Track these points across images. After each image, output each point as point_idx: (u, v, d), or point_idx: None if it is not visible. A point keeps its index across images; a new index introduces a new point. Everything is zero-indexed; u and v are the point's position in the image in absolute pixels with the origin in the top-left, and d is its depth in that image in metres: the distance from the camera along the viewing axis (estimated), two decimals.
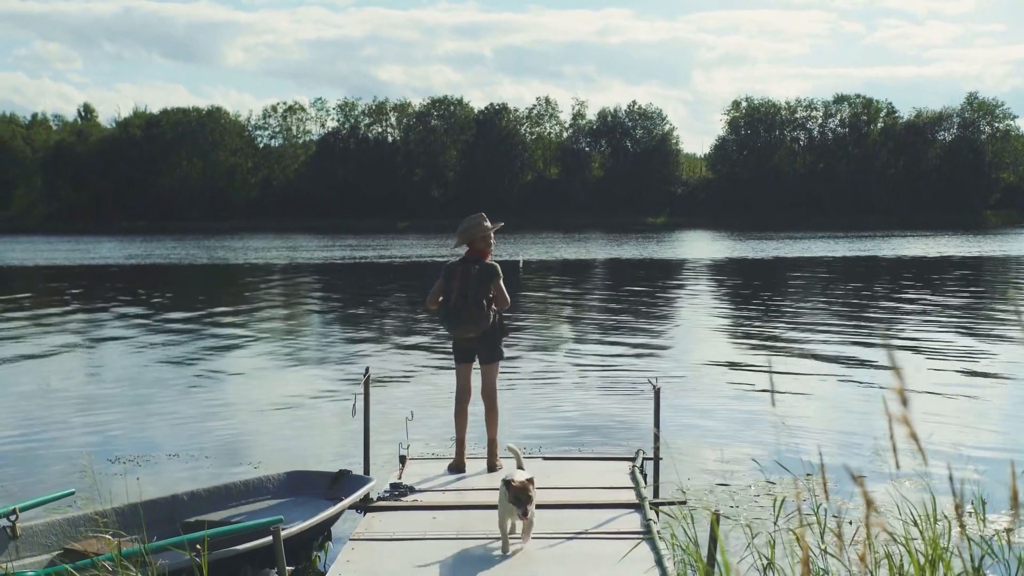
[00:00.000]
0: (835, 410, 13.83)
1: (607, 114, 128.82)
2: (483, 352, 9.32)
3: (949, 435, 11.60)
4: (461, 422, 9.44)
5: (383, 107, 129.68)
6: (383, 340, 21.73)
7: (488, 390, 9.40)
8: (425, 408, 13.04)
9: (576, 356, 18.95)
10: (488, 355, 9.34)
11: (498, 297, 9.19)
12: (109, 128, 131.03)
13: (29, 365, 18.61)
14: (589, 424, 12.96)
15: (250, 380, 16.77)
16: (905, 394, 2.36)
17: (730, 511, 8.77)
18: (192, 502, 8.36)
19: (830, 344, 20.03)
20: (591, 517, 7.79)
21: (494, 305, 9.22)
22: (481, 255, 9.33)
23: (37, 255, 61.68)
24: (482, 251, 9.35)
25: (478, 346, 9.29)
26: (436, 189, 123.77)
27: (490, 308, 9.17)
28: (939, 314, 25.28)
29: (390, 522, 7.80)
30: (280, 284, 40.00)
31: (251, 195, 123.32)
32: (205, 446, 11.92)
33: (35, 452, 11.76)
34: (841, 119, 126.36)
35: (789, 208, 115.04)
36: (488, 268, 9.18)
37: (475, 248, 9.36)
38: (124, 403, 14.66)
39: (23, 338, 22.65)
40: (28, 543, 7.43)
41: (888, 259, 50.21)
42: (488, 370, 9.37)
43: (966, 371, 16.66)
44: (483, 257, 9.32)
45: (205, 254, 61.47)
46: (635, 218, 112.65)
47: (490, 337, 9.25)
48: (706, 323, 24.53)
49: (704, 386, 15.69)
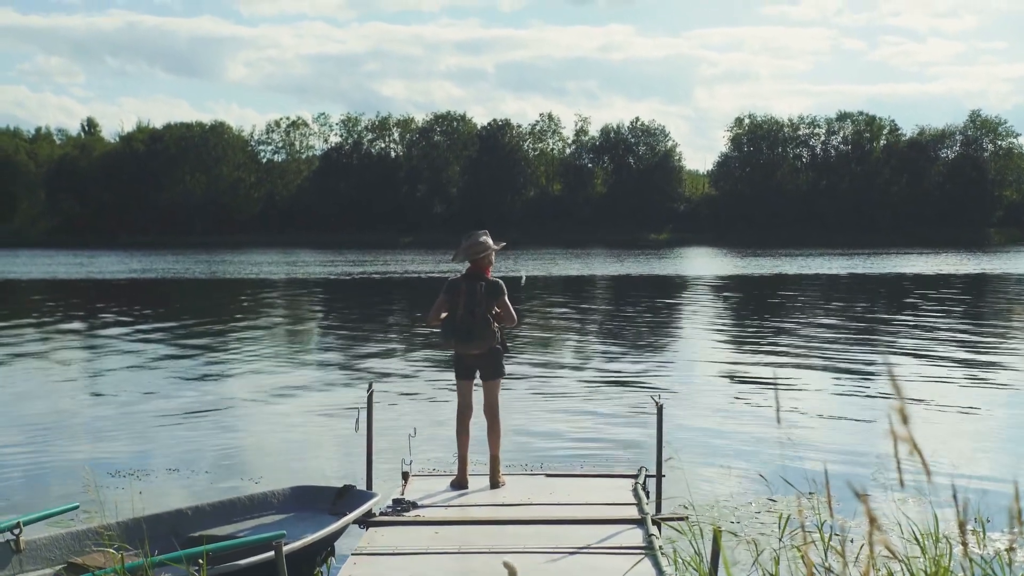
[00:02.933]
0: (838, 427, 13.83)
1: (610, 130, 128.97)
2: (485, 369, 9.30)
3: (952, 453, 11.60)
4: (463, 439, 9.44)
5: (386, 122, 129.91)
6: (386, 356, 21.73)
7: (490, 407, 9.40)
8: (427, 425, 13.05)
9: (578, 372, 18.95)
10: (491, 372, 9.31)
11: (505, 314, 9.22)
12: (112, 142, 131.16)
13: (32, 379, 18.63)
14: (591, 441, 12.96)
15: (253, 395, 16.77)
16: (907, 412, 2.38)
17: (732, 527, 8.78)
18: (196, 516, 8.36)
19: (832, 361, 20.03)
20: (593, 532, 7.80)
21: (500, 322, 9.24)
22: (483, 271, 9.35)
23: (39, 269, 61.71)
24: (484, 268, 9.38)
25: (481, 363, 9.27)
26: (439, 204, 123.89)
27: (495, 325, 9.19)
28: (941, 332, 25.27)
29: (392, 537, 7.82)
30: (283, 299, 40.02)
31: (254, 210, 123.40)
32: (208, 461, 11.94)
33: (39, 466, 11.77)
34: (844, 136, 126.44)
35: (792, 225, 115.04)
36: (494, 285, 9.24)
37: (477, 265, 9.37)
38: (127, 417, 14.67)
39: (26, 352, 22.67)
40: (31, 557, 7.43)
41: (890, 276, 50.19)
42: (490, 387, 9.37)
43: (969, 389, 16.66)
44: (484, 273, 9.35)
45: (207, 268, 61.51)
46: (637, 234, 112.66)
47: (494, 354, 9.25)
48: (708, 339, 24.54)
49: (706, 402, 15.69)
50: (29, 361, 21.09)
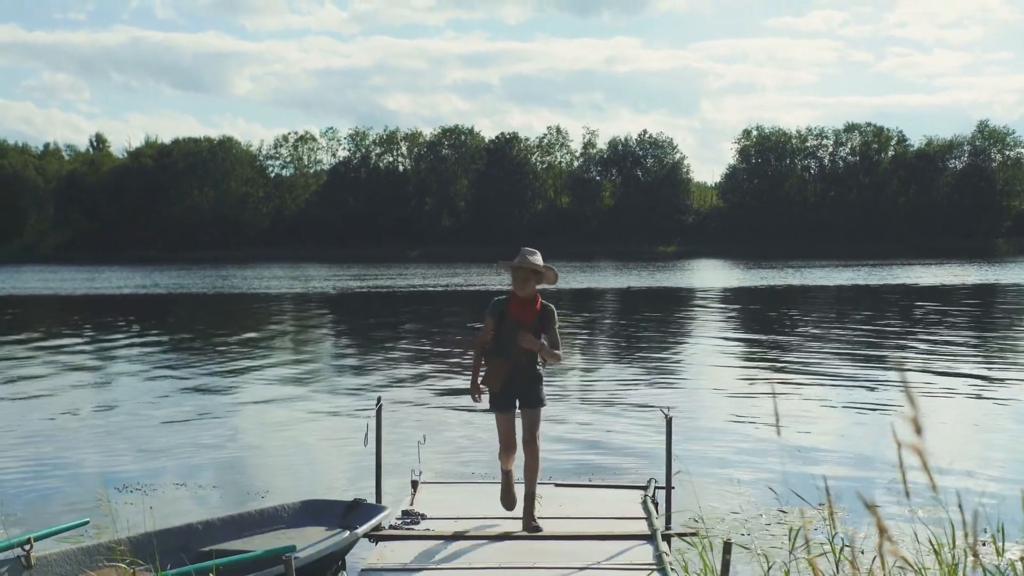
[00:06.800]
0: (849, 438, 13.80)
1: (618, 143, 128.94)
2: (526, 397, 8.23)
3: (964, 463, 11.57)
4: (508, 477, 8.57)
5: (394, 136, 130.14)
6: (395, 370, 21.72)
7: (530, 431, 8.28)
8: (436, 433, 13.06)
9: (588, 384, 18.94)
10: (532, 400, 8.25)
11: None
12: (121, 158, 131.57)
13: (41, 395, 18.64)
14: (601, 452, 12.95)
15: (263, 409, 16.79)
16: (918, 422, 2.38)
17: (743, 539, 8.75)
18: (206, 531, 8.37)
19: (843, 372, 19.99)
20: (603, 549, 7.77)
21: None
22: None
23: (48, 285, 61.85)
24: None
25: (521, 391, 8.25)
26: (447, 218, 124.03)
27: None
28: (952, 342, 25.21)
29: (402, 552, 7.79)
30: (291, 313, 40.07)
31: (263, 224, 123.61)
32: (218, 475, 11.95)
33: (49, 481, 11.79)
34: (852, 147, 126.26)
35: (800, 236, 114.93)
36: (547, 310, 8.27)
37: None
38: (137, 432, 14.69)
39: (35, 368, 22.71)
40: (42, 573, 7.43)
41: (899, 287, 50.10)
42: (532, 412, 8.26)
43: (980, 399, 16.61)
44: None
45: (216, 283, 61.60)
46: (646, 247, 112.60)
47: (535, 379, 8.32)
48: (716, 352, 24.51)
49: (715, 414, 15.67)
50: (38, 376, 21.11)
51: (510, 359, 8.09)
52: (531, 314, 8.13)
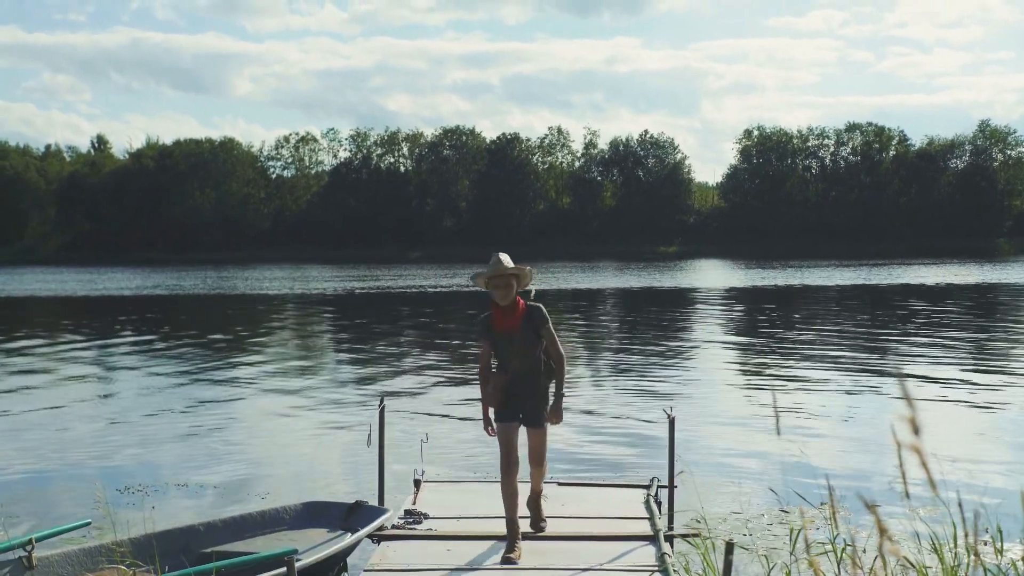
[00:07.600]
0: (849, 438, 13.79)
1: (619, 143, 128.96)
2: (530, 416, 7.85)
3: (965, 464, 11.56)
4: (511, 501, 7.74)
5: (395, 137, 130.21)
6: (396, 371, 21.73)
7: (537, 457, 7.94)
8: (439, 432, 13.06)
9: (591, 383, 18.94)
10: (535, 419, 7.86)
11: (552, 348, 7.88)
12: (122, 159, 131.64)
13: (43, 396, 18.65)
14: (604, 451, 12.95)
15: (264, 410, 16.78)
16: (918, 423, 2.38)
17: (745, 540, 8.75)
18: (208, 532, 8.36)
19: (844, 372, 19.98)
20: (606, 550, 7.75)
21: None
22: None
23: (49, 286, 61.86)
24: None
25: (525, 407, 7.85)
26: (448, 219, 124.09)
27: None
28: (952, 342, 25.20)
29: (405, 553, 7.77)
30: (293, 314, 40.06)
31: (264, 225, 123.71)
32: (219, 476, 11.94)
33: (50, 483, 11.79)
34: (853, 147, 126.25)
35: (801, 236, 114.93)
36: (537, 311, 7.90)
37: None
38: (138, 433, 14.69)
39: (36, 369, 22.72)
40: (44, 574, 7.44)
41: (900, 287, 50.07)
42: (537, 434, 7.88)
43: (981, 400, 16.60)
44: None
45: (217, 284, 61.61)
46: (647, 247, 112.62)
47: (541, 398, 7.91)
48: (718, 352, 24.50)
49: (718, 415, 15.67)
50: (40, 377, 21.13)
51: (507, 372, 7.81)
52: (516, 320, 7.82)
